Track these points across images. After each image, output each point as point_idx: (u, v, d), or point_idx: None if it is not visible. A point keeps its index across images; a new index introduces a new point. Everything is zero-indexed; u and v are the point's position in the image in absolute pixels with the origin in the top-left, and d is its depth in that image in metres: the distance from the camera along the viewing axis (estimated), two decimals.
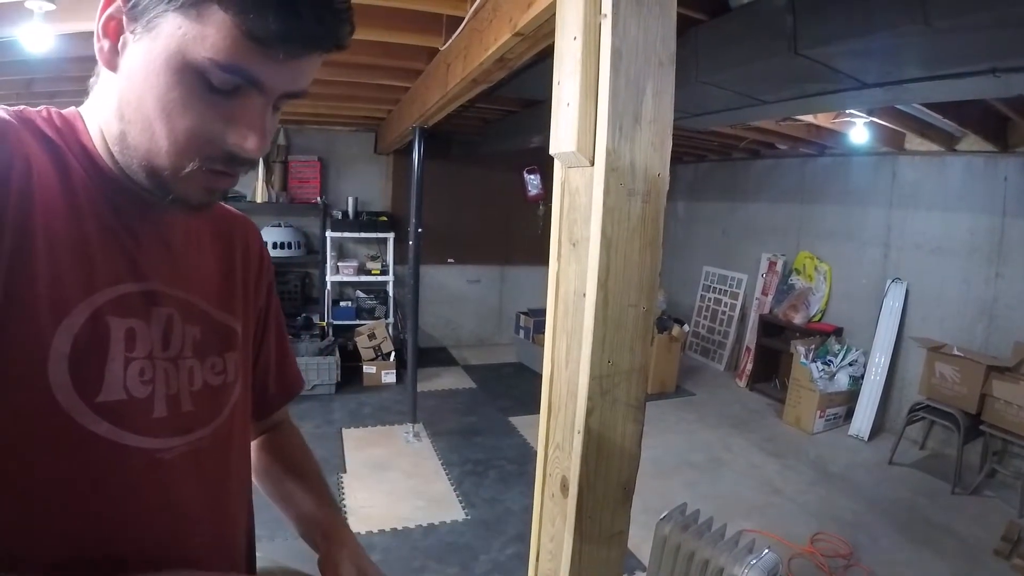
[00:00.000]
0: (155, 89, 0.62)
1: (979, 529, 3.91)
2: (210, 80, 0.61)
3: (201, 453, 0.78)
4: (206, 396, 0.80)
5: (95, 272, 0.67)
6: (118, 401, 0.67)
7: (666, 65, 1.17)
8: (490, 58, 2.39)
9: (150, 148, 0.65)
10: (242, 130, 0.65)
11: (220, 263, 0.88)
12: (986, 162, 4.88)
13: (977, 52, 2.17)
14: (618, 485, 1.30)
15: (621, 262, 1.18)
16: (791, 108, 3.48)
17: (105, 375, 0.66)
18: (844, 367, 5.67)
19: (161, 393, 0.73)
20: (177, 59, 0.60)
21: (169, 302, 0.75)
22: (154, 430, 0.72)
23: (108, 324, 0.67)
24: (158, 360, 0.73)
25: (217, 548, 0.83)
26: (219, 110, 0.64)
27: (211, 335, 0.82)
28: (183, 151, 0.65)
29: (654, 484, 4.29)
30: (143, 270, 0.72)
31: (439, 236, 7.27)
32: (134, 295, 0.71)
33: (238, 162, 0.68)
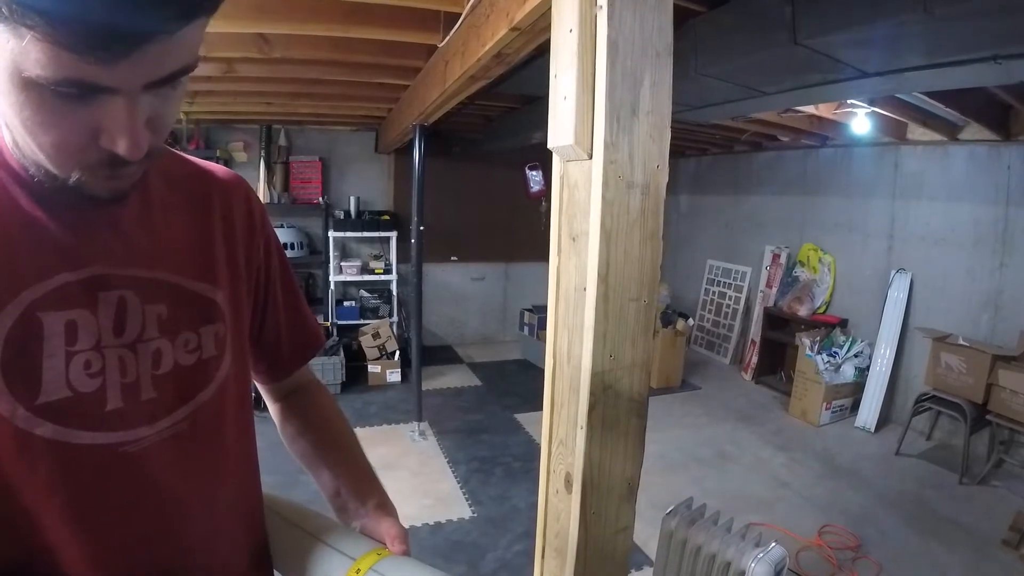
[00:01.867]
0: (12, 107, 0.57)
1: (987, 520, 3.90)
2: (56, 92, 0.54)
3: (181, 438, 0.75)
4: (177, 378, 0.76)
5: (19, 271, 0.63)
6: (62, 400, 0.65)
7: (663, 56, 1.16)
8: (488, 54, 2.38)
9: (34, 157, 0.61)
10: (109, 135, 0.58)
11: (194, 230, 0.83)
12: (989, 151, 4.86)
13: (978, 39, 2.16)
14: (623, 480, 1.29)
15: (621, 256, 1.17)
16: (792, 99, 3.47)
17: (43, 375, 0.64)
18: (849, 359, 5.66)
19: (114, 383, 0.69)
20: (16, 76, 0.53)
21: (121, 283, 0.71)
22: (109, 424, 0.68)
23: (41, 321, 0.64)
24: (109, 349, 0.69)
25: (215, 535, 0.81)
26: (79, 118, 0.57)
27: (181, 310, 0.77)
28: (60, 163, 0.60)
29: (661, 479, 4.28)
30: (82, 257, 0.68)
31: (442, 234, 7.27)
32: (72, 285, 0.67)
33: (121, 163, 0.61)
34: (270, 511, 0.95)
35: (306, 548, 0.85)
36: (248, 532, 0.90)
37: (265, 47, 3.16)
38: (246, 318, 0.91)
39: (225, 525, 0.83)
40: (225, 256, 0.86)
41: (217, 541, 0.81)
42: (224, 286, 0.84)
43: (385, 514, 0.89)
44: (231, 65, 3.59)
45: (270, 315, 0.98)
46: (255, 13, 2.70)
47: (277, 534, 0.92)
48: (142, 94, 0.58)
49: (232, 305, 0.85)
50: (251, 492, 0.92)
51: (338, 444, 1.04)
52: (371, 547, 0.80)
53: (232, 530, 0.85)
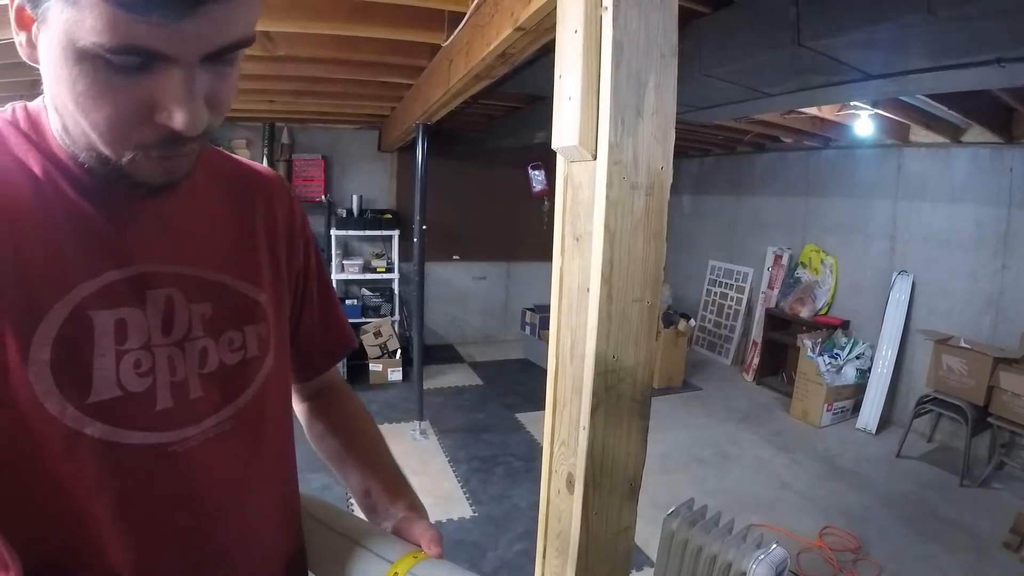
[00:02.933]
0: (64, 83, 0.56)
1: (988, 522, 3.89)
2: (111, 63, 0.53)
3: (225, 438, 0.75)
4: (221, 378, 0.75)
5: (69, 269, 0.62)
6: (112, 399, 0.64)
7: (668, 57, 1.16)
8: (492, 53, 2.38)
9: (86, 139, 0.60)
10: (166, 108, 0.57)
11: (238, 230, 0.82)
12: (992, 153, 4.85)
13: (982, 42, 2.16)
14: (624, 481, 1.29)
15: (625, 256, 1.17)
16: (795, 100, 3.47)
17: (93, 374, 0.63)
18: (851, 360, 5.66)
19: (164, 382, 0.69)
20: (70, 49, 0.53)
21: (168, 282, 0.70)
22: (159, 424, 0.68)
23: (91, 319, 0.63)
24: (159, 348, 0.68)
25: (253, 536, 0.81)
26: (134, 92, 0.56)
27: (226, 309, 0.77)
28: (113, 142, 0.59)
29: (662, 479, 4.28)
30: (129, 255, 0.67)
31: (444, 233, 7.27)
32: (120, 283, 0.66)
33: (177, 141, 0.60)
34: (304, 512, 0.95)
35: (341, 550, 0.85)
36: (285, 532, 0.90)
37: (269, 45, 3.16)
38: (286, 318, 0.91)
39: (263, 526, 0.83)
40: (268, 257, 0.86)
41: (255, 542, 0.81)
42: (267, 287, 0.84)
43: (417, 516, 0.88)
44: None
45: (305, 316, 0.98)
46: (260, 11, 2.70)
47: (311, 535, 0.92)
48: (200, 68, 0.57)
49: (274, 306, 0.85)
50: (289, 492, 0.92)
51: (368, 446, 1.04)
52: (407, 550, 0.80)
53: (270, 530, 0.85)
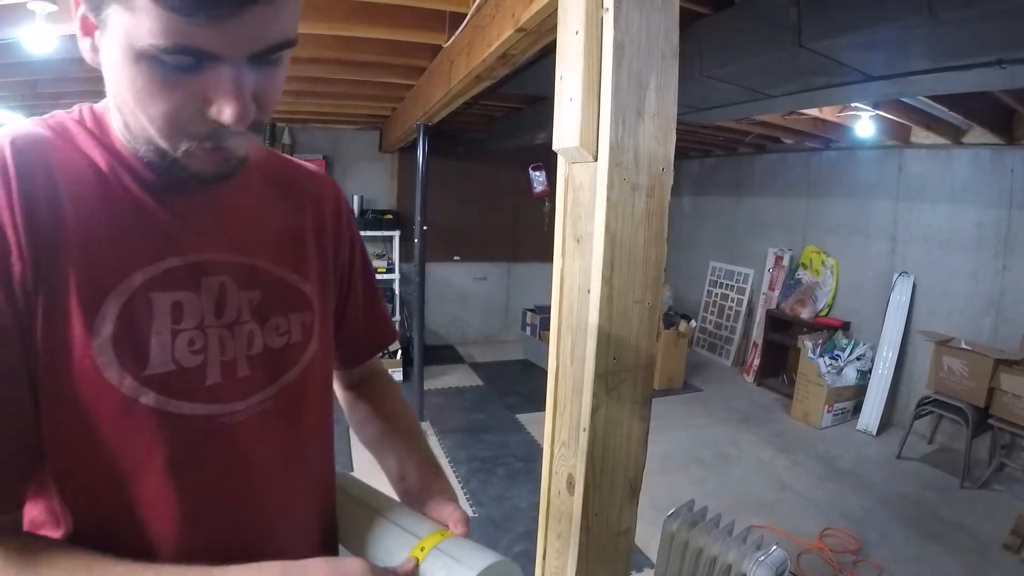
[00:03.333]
0: (125, 82, 0.62)
1: (988, 523, 3.89)
2: (165, 63, 0.59)
3: (268, 415, 0.80)
4: (266, 359, 0.81)
5: (132, 255, 0.69)
6: (167, 372, 0.70)
7: (669, 58, 1.16)
8: (493, 54, 2.38)
9: (145, 134, 0.67)
10: (216, 103, 0.62)
11: (287, 223, 0.88)
12: (993, 155, 4.85)
13: (983, 44, 2.16)
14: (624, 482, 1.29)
15: (625, 257, 1.17)
16: (796, 102, 3.47)
17: (151, 349, 0.69)
18: (852, 361, 5.65)
19: (215, 360, 0.74)
20: (129, 51, 0.59)
21: (221, 270, 0.76)
22: (208, 397, 0.73)
23: (151, 300, 0.69)
24: (211, 328, 0.74)
25: (292, 507, 0.85)
26: (188, 89, 0.62)
27: (273, 297, 0.82)
28: (169, 135, 0.65)
29: (662, 481, 4.28)
30: (187, 245, 0.73)
31: (445, 233, 7.28)
32: (179, 269, 0.72)
33: (227, 134, 0.66)
34: (339, 488, 0.99)
35: (372, 525, 0.88)
36: (321, 506, 0.94)
37: None
38: (331, 309, 0.96)
39: (301, 498, 0.87)
40: (315, 251, 0.91)
41: (293, 512, 0.86)
42: (313, 279, 0.89)
43: (447, 499, 0.91)
44: None
45: (350, 308, 1.03)
46: None
47: (343, 509, 0.96)
48: (247, 67, 0.63)
49: (320, 296, 0.90)
50: (326, 470, 0.96)
51: (405, 432, 1.08)
52: (435, 528, 0.83)
53: (307, 503, 0.89)
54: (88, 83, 3.98)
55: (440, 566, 0.76)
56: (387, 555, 0.81)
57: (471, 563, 0.75)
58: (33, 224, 0.62)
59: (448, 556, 0.77)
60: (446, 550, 0.78)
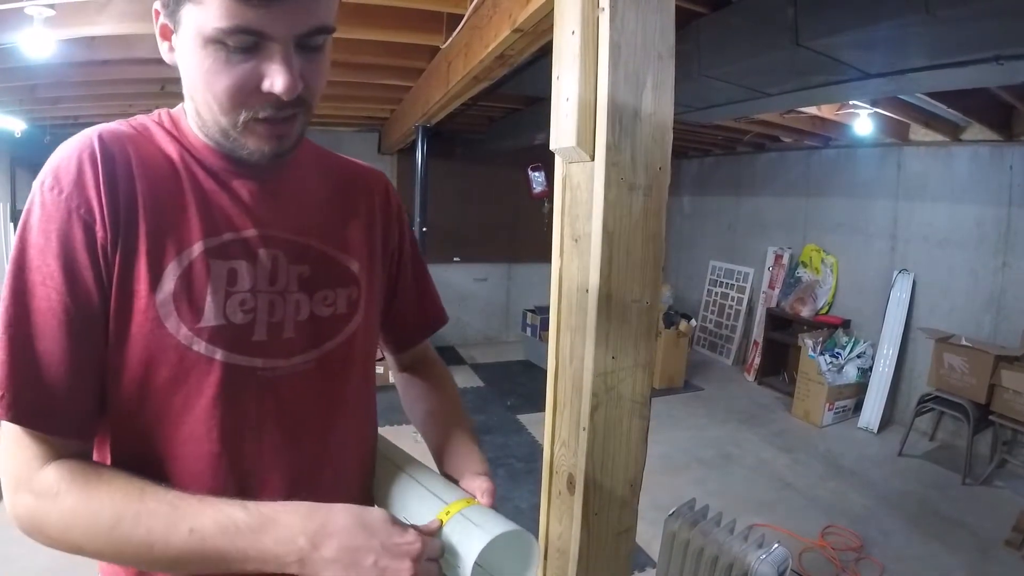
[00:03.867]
0: (196, 68, 0.75)
1: (990, 520, 3.89)
2: (228, 45, 0.72)
3: (310, 375, 0.90)
4: (312, 326, 0.90)
5: (195, 228, 0.80)
6: (218, 326, 0.80)
7: (665, 58, 1.16)
8: (490, 55, 2.39)
9: (211, 115, 0.79)
10: (270, 76, 0.74)
11: (337, 210, 0.99)
12: (992, 151, 4.86)
13: (980, 40, 2.16)
14: (625, 482, 1.29)
15: (623, 257, 1.17)
16: (794, 100, 3.47)
17: (206, 305, 0.79)
18: (852, 359, 5.66)
19: (263, 320, 0.85)
20: (198, 39, 0.72)
21: (276, 245, 0.87)
22: (254, 351, 0.84)
23: (210, 266, 0.80)
24: (262, 293, 0.85)
25: (330, 459, 0.93)
26: (247, 67, 0.74)
27: (322, 272, 0.92)
28: (230, 107, 0.77)
29: (664, 480, 4.28)
30: (245, 222, 0.85)
31: (445, 235, 7.27)
32: (236, 242, 0.83)
33: (281, 105, 0.77)
34: (377, 450, 1.07)
35: (403, 486, 0.96)
36: (357, 466, 1.01)
37: None
38: (379, 289, 1.05)
39: (336, 455, 0.95)
40: (364, 235, 1.01)
41: (327, 467, 0.93)
42: (360, 258, 0.99)
43: (478, 474, 0.98)
44: None
45: (400, 292, 1.12)
46: None
47: (380, 470, 1.04)
48: (294, 49, 0.75)
49: (367, 275, 0.99)
50: (365, 432, 1.04)
51: (449, 412, 1.16)
52: (463, 496, 0.88)
53: (342, 461, 0.96)
54: (86, 87, 3.98)
55: (460, 529, 0.81)
56: (415, 516, 0.86)
57: (489, 528, 0.79)
58: (114, 200, 0.75)
59: (469, 521, 0.81)
60: (469, 516, 0.82)
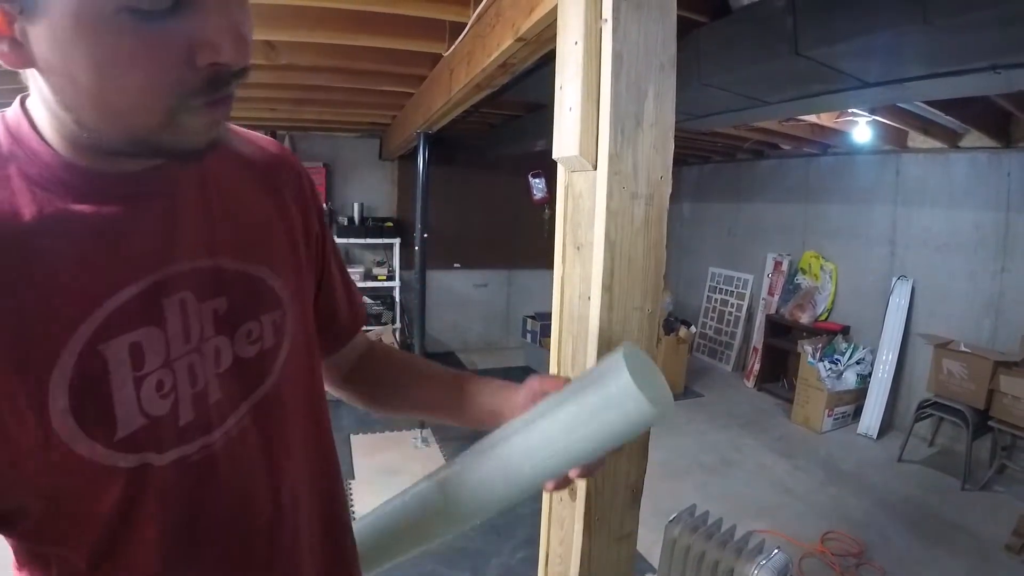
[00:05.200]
0: (83, 58, 0.52)
1: (990, 525, 3.90)
2: (136, 10, 0.50)
3: (247, 432, 0.73)
4: (239, 373, 0.72)
5: (73, 303, 0.58)
6: (138, 429, 0.61)
7: (667, 68, 1.18)
8: (493, 63, 2.40)
9: (114, 120, 0.56)
10: (209, 42, 0.54)
11: (251, 207, 0.78)
12: (989, 158, 4.88)
13: (978, 49, 2.18)
14: (626, 487, 1.30)
15: (625, 265, 1.18)
16: (794, 108, 3.49)
17: (115, 409, 0.60)
18: (851, 365, 5.67)
19: (186, 396, 0.66)
20: (85, 18, 0.50)
21: (183, 283, 0.66)
22: (185, 437, 0.66)
23: (103, 353, 0.59)
24: (179, 360, 0.65)
25: (285, 512, 0.79)
26: (168, 37, 0.53)
27: (241, 300, 0.73)
28: (154, 103, 0.55)
29: (664, 486, 4.29)
30: (140, 265, 0.63)
31: (445, 241, 7.28)
32: (133, 300, 0.62)
33: (224, 79, 0.57)
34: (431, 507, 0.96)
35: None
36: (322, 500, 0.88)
37: (271, 54, 3.18)
38: (308, 297, 0.86)
39: (297, 501, 0.81)
40: (284, 236, 0.82)
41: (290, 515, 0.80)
42: (282, 269, 0.79)
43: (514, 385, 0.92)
44: None
45: (325, 284, 0.94)
46: (262, 20, 2.72)
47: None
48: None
49: (291, 288, 0.80)
50: (322, 465, 0.90)
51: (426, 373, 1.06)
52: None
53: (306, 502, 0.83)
54: None
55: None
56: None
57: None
58: None
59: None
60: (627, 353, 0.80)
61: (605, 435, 0.79)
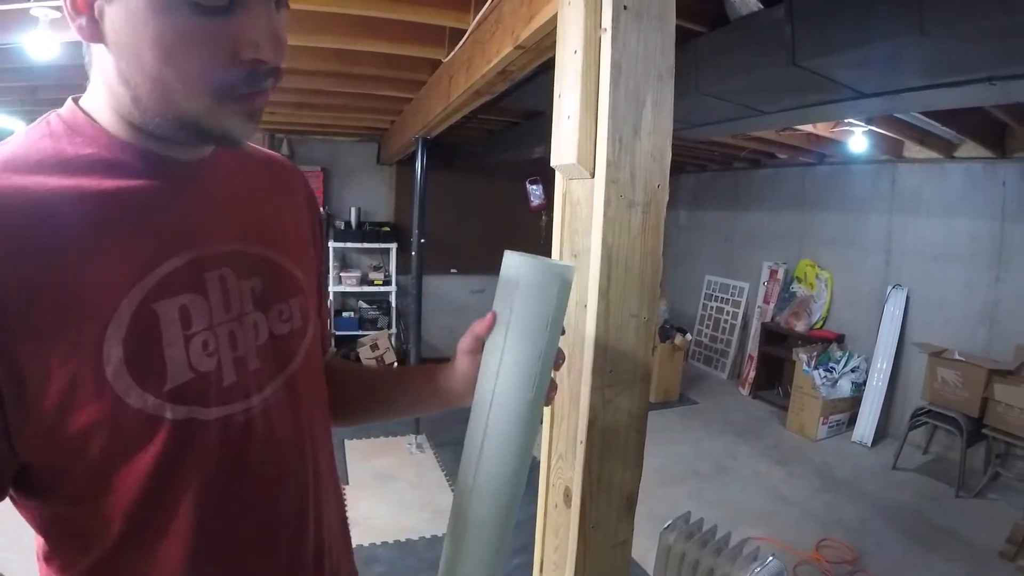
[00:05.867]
0: (148, 39, 0.60)
1: (984, 532, 3.91)
2: (199, 4, 0.60)
3: (281, 404, 0.79)
4: (274, 348, 0.79)
5: (126, 266, 0.64)
6: (187, 382, 0.67)
7: (665, 78, 1.19)
8: (492, 70, 2.41)
9: (167, 100, 0.64)
10: (252, 41, 0.63)
11: (272, 208, 0.86)
12: (985, 168, 4.90)
13: (974, 60, 2.19)
14: (621, 495, 1.30)
15: (622, 272, 1.19)
16: (791, 118, 3.50)
17: (167, 362, 0.66)
18: (846, 373, 5.67)
19: (228, 359, 0.72)
20: (158, 3, 0.59)
21: (221, 261, 0.73)
22: (228, 397, 0.72)
23: (156, 311, 0.65)
24: (221, 326, 0.72)
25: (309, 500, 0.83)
26: (221, 32, 0.62)
27: (273, 282, 0.80)
28: (201, 87, 0.63)
29: (659, 493, 4.29)
30: (182, 240, 0.70)
31: (442, 246, 7.28)
32: (179, 270, 0.68)
33: (261, 76, 0.66)
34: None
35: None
36: (338, 498, 0.94)
37: None
38: (316, 296, 0.93)
39: (319, 489, 0.85)
40: (297, 235, 0.90)
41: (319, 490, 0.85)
42: (301, 263, 0.87)
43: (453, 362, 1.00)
44: None
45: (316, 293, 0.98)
46: None
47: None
48: (272, 6, 0.65)
49: (308, 282, 0.88)
50: (333, 461, 0.94)
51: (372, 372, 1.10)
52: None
53: (326, 495, 0.88)
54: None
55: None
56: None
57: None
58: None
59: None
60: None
61: (549, 316, 0.87)
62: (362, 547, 3.50)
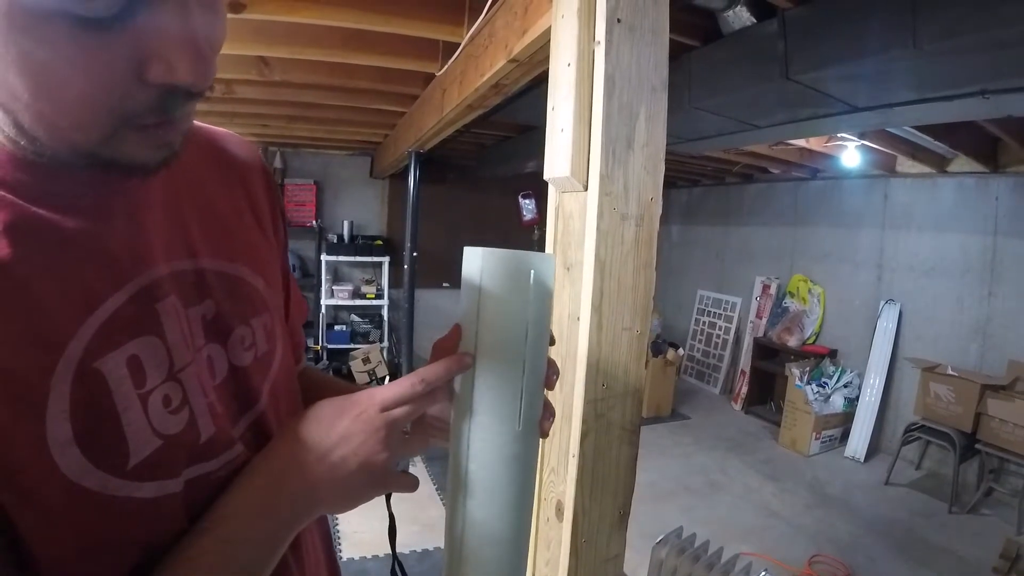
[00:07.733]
0: (14, 65, 0.42)
1: (977, 548, 3.90)
2: (76, 16, 0.41)
3: (245, 456, 0.63)
4: (235, 383, 0.64)
5: (57, 325, 0.49)
6: (154, 451, 0.53)
7: (659, 91, 1.19)
8: (485, 84, 2.41)
9: (52, 130, 0.46)
10: (162, 58, 0.44)
11: (223, 201, 0.70)
12: (977, 183, 4.92)
13: (966, 75, 2.20)
14: (614, 509, 1.29)
15: (615, 286, 1.18)
16: (783, 132, 3.51)
17: (125, 434, 0.51)
18: (839, 389, 5.68)
19: (201, 408, 0.58)
20: (18, 17, 0.40)
21: (166, 287, 0.57)
22: (207, 454, 0.59)
23: (100, 372, 0.50)
24: (186, 370, 0.57)
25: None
26: (115, 46, 0.43)
27: (228, 303, 0.65)
28: (93, 120, 0.46)
29: (651, 508, 4.26)
30: (120, 271, 0.54)
31: (434, 260, 7.27)
32: (121, 310, 0.53)
33: (178, 101, 0.48)
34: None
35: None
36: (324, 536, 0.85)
37: (265, 70, 3.19)
38: (282, 302, 0.78)
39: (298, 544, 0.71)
40: (256, 233, 0.74)
41: (291, 562, 0.70)
42: (260, 265, 0.71)
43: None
44: (230, 86, 3.62)
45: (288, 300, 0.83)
46: (256, 36, 2.72)
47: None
48: (191, 11, 0.46)
49: (271, 289, 0.73)
50: None
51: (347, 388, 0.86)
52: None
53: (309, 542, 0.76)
54: None
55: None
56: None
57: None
58: None
59: None
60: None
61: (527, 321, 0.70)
62: (352, 560, 3.47)
